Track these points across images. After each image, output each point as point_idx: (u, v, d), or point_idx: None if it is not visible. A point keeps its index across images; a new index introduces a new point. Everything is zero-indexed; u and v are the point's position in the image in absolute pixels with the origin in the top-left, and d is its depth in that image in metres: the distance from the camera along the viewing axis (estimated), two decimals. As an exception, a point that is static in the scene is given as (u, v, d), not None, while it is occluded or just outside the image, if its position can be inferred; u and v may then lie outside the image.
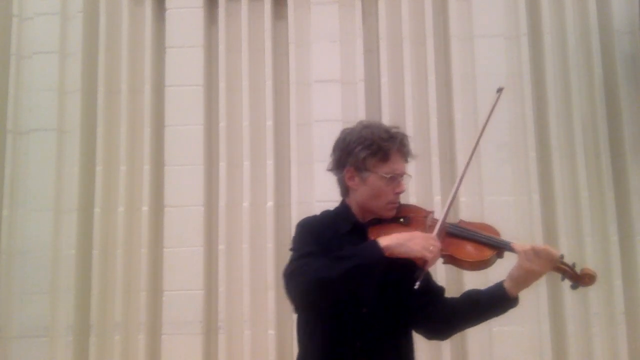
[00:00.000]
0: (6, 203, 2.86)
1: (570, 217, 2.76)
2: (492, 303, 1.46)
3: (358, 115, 2.83)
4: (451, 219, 1.54)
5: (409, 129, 2.82)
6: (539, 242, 2.71)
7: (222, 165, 2.86)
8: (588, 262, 2.70)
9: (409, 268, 1.37)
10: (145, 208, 2.83)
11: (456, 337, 2.68)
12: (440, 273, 2.46)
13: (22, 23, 2.99)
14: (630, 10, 2.83)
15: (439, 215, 1.51)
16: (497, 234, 1.51)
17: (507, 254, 1.45)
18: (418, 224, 1.51)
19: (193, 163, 2.85)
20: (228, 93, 2.92)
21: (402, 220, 1.52)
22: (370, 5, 2.97)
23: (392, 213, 1.53)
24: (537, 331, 2.65)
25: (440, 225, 1.43)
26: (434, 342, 2.63)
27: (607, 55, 2.86)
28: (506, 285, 1.44)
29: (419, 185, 2.78)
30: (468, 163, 1.61)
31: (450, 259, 1.44)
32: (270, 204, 2.81)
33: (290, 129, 2.87)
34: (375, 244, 1.32)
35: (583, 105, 2.83)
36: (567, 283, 1.50)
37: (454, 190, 1.57)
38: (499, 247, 1.44)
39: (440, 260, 1.44)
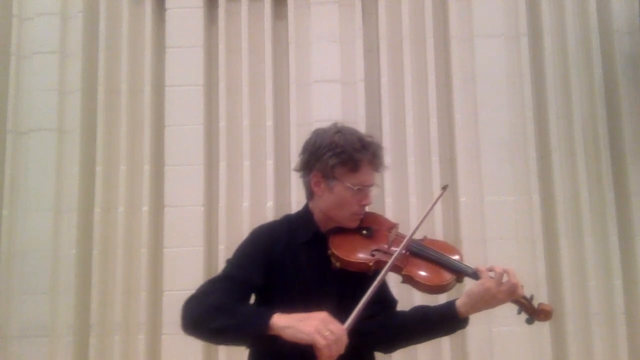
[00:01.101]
0: (6, 203, 2.86)
1: (570, 217, 2.76)
2: (441, 321, 1.42)
3: (358, 115, 2.83)
4: (416, 235, 1.48)
5: (409, 129, 2.82)
6: (540, 243, 2.72)
7: (222, 165, 2.86)
8: (588, 262, 2.71)
9: (362, 280, 1.35)
10: (145, 208, 2.83)
11: (456, 337, 2.71)
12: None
13: (22, 23, 2.98)
14: (630, 10, 2.83)
15: (402, 230, 1.48)
16: (461, 256, 1.46)
17: (467, 280, 1.42)
18: (381, 237, 1.47)
19: (193, 163, 2.85)
20: (228, 93, 2.92)
21: (364, 232, 1.48)
22: (370, 5, 2.97)
23: (355, 224, 1.48)
24: (537, 331, 2.65)
25: (402, 247, 1.38)
26: (434, 342, 2.65)
27: (607, 55, 2.86)
28: (459, 303, 1.40)
29: (419, 185, 2.78)
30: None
31: (409, 280, 1.40)
32: (270, 204, 2.81)
33: (290, 129, 2.87)
34: (265, 319, 1.22)
35: (583, 105, 2.83)
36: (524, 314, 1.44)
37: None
38: (460, 272, 1.40)
39: (399, 279, 1.42)
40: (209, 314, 1.28)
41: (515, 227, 2.73)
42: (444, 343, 2.66)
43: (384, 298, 1.53)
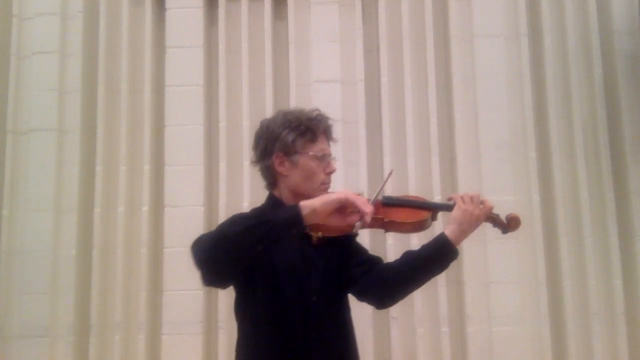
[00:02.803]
0: (6, 203, 2.86)
1: (570, 217, 2.76)
2: (436, 253, 1.46)
3: (358, 115, 2.83)
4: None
5: (409, 129, 2.83)
6: (540, 243, 2.72)
7: (222, 165, 2.86)
8: (588, 262, 2.71)
9: (347, 249, 1.44)
10: (145, 208, 2.83)
11: (456, 337, 2.71)
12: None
13: (22, 23, 2.98)
14: (630, 11, 2.83)
15: (369, 195, 1.54)
16: (424, 199, 1.60)
17: (440, 215, 1.57)
18: None
19: (193, 163, 2.85)
20: (228, 93, 2.92)
21: None
22: (370, 5, 2.97)
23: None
24: (537, 331, 2.65)
25: (375, 198, 1.45)
26: (435, 343, 2.66)
27: (607, 55, 2.86)
28: (447, 232, 1.47)
29: (419, 185, 2.78)
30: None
31: (392, 224, 1.48)
32: (270, 204, 2.80)
33: (290, 128, 2.87)
34: (293, 207, 1.26)
35: (583, 105, 2.83)
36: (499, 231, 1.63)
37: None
38: (432, 208, 1.55)
39: (382, 231, 1.51)
40: (233, 223, 1.26)
41: (515, 227, 2.73)
42: (444, 343, 2.66)
43: (369, 257, 1.58)
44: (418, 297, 2.68)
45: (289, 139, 1.46)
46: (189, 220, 2.79)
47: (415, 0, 2.93)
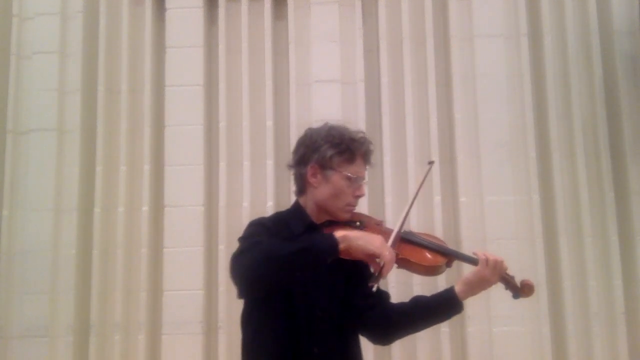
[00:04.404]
0: (6, 203, 2.86)
1: (570, 217, 2.76)
2: (440, 305, 1.49)
3: (358, 115, 2.83)
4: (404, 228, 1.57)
5: (409, 129, 2.83)
6: (540, 243, 2.72)
7: (222, 165, 2.86)
8: (588, 262, 2.71)
9: (358, 270, 1.41)
10: (145, 208, 2.83)
11: (456, 337, 2.71)
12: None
13: (22, 23, 2.98)
14: (630, 11, 2.83)
15: (390, 225, 1.55)
16: (445, 244, 1.56)
17: (456, 263, 1.52)
18: (373, 229, 1.53)
19: (193, 163, 2.85)
20: (228, 93, 2.92)
21: (357, 224, 1.54)
22: (370, 5, 2.97)
23: (347, 216, 1.53)
24: (537, 331, 2.65)
25: (396, 233, 1.45)
26: (435, 342, 2.66)
27: (607, 55, 2.86)
28: (457, 289, 1.48)
29: (419, 185, 2.77)
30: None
31: (405, 263, 1.46)
32: (270, 204, 2.81)
33: (290, 129, 2.87)
34: (331, 235, 1.29)
35: (583, 105, 2.83)
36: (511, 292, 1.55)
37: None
38: (451, 255, 1.51)
39: (395, 265, 1.45)
40: (276, 245, 1.32)
41: (515, 227, 2.73)
42: (444, 343, 2.66)
43: (379, 290, 1.55)
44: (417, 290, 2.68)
45: (327, 153, 1.48)
46: (189, 220, 2.80)
47: (415, 0, 2.93)
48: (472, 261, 1.49)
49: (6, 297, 2.79)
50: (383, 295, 1.57)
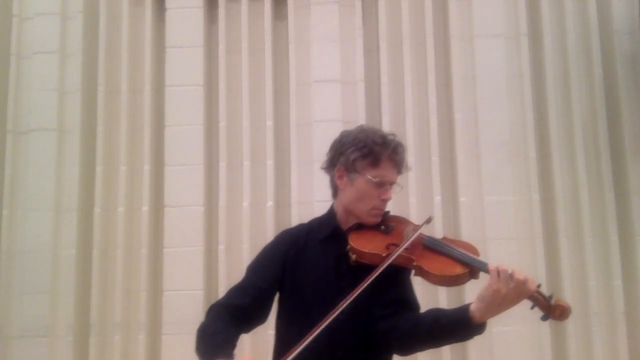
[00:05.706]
0: (6, 203, 2.86)
1: (570, 217, 2.76)
2: (454, 325, 1.34)
3: (358, 115, 2.83)
4: (437, 236, 1.53)
5: (409, 129, 2.82)
6: (540, 243, 2.71)
7: (222, 165, 2.86)
8: (588, 262, 2.71)
9: (384, 278, 1.36)
10: (145, 208, 2.83)
11: (456, 337, 2.71)
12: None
13: (22, 23, 2.98)
14: (630, 11, 2.83)
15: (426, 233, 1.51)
16: (477, 254, 1.43)
17: (483, 275, 1.37)
18: (399, 234, 1.50)
19: (193, 163, 2.85)
20: (228, 93, 2.92)
21: (383, 227, 1.52)
22: (370, 5, 2.97)
23: (375, 220, 1.52)
24: (537, 331, 2.65)
25: (415, 238, 1.42)
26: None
27: (607, 55, 2.86)
28: (473, 307, 1.32)
29: (419, 185, 2.78)
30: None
31: (420, 271, 1.41)
32: (270, 204, 2.81)
33: (290, 129, 2.87)
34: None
35: (583, 105, 2.83)
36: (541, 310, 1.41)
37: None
38: (472, 265, 1.37)
39: (411, 272, 1.45)
40: (202, 341, 1.49)
41: (515, 227, 2.73)
42: (444, 343, 2.66)
43: (403, 299, 1.50)
44: (418, 297, 2.67)
45: (351, 157, 1.48)
46: (189, 220, 2.79)
47: (415, 0, 2.93)
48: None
49: (6, 297, 2.79)
50: (406, 306, 1.49)
